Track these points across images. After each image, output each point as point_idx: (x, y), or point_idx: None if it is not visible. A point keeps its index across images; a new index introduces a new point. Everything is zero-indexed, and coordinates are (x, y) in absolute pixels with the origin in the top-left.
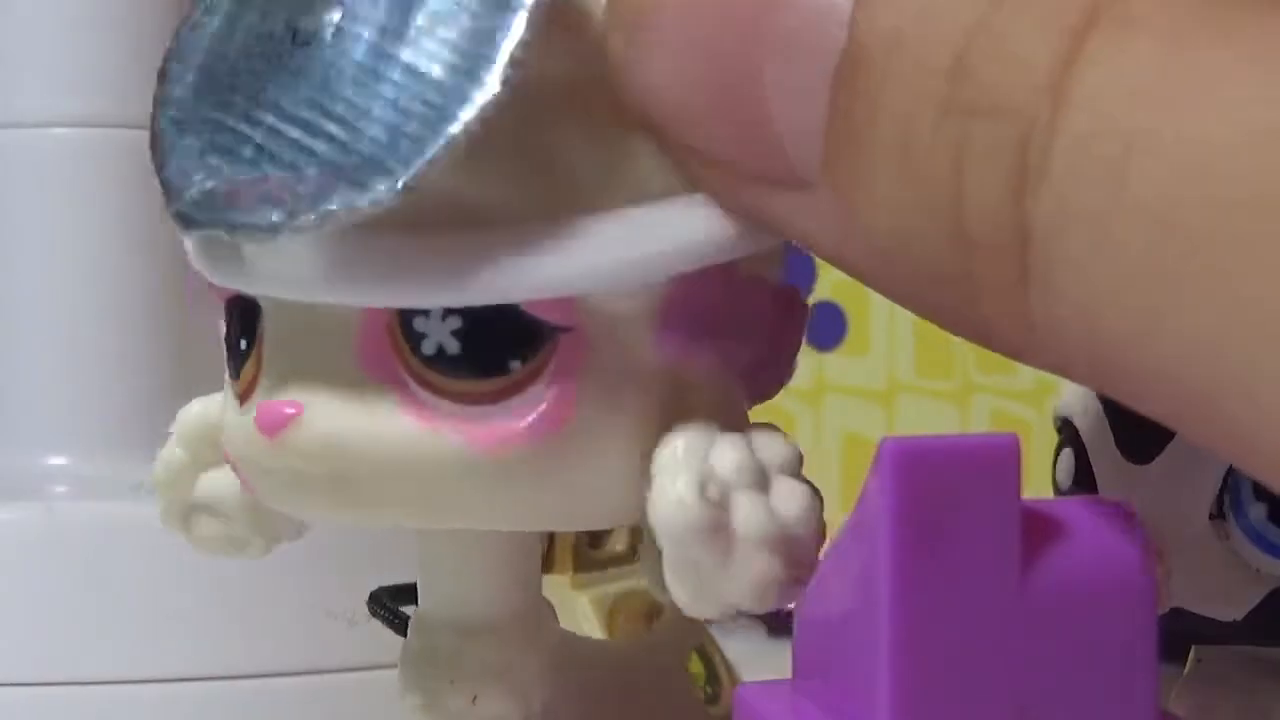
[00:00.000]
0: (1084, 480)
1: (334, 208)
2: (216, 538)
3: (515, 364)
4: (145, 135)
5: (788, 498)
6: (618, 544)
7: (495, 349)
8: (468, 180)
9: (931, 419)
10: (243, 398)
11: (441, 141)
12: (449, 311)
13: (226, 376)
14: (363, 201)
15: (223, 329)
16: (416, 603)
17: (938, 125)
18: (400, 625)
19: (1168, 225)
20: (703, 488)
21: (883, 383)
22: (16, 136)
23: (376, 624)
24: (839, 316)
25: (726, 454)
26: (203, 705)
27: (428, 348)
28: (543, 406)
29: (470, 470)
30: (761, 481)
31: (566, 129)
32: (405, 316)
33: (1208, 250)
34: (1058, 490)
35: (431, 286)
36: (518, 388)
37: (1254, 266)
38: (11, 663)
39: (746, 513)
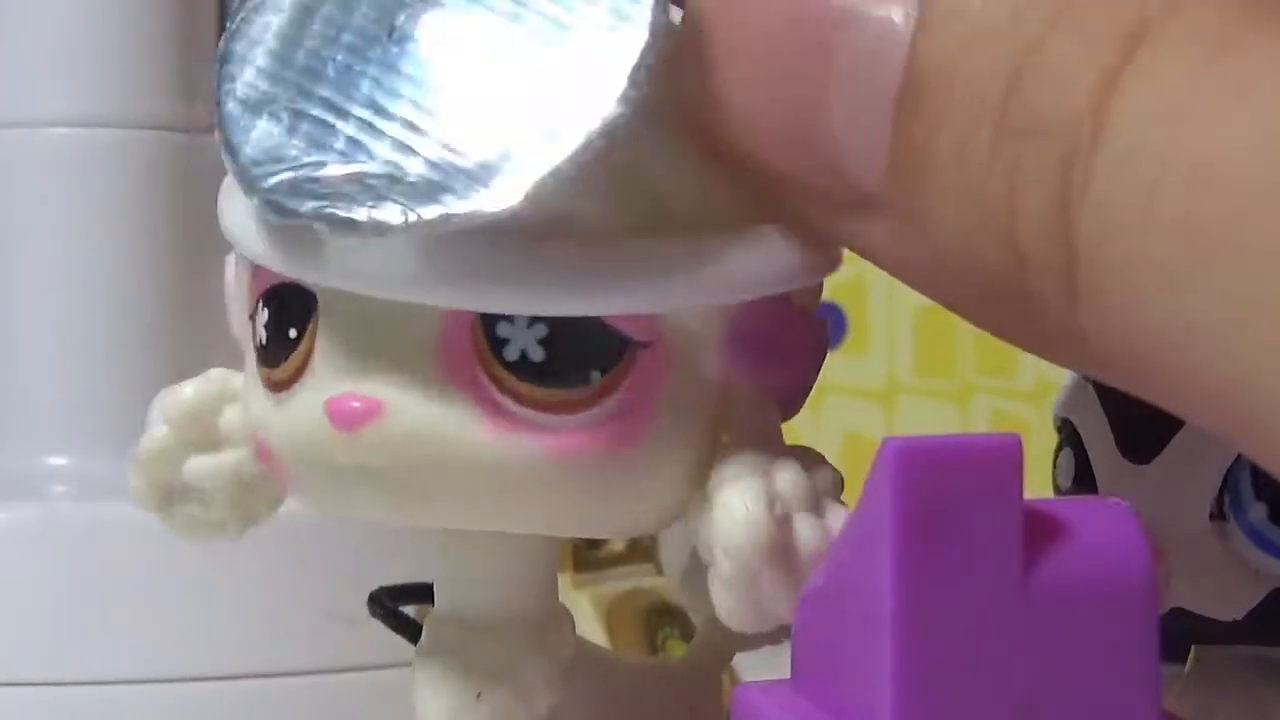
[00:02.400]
0: (1084, 480)
1: (451, 211)
2: (195, 522)
3: (596, 375)
4: (145, 135)
5: (837, 520)
6: (618, 544)
7: (579, 359)
8: (566, 192)
9: (931, 419)
10: (279, 387)
11: (566, 155)
12: (534, 319)
13: (252, 365)
14: (488, 208)
15: (234, 318)
16: (416, 603)
17: (993, 146)
18: (400, 625)
19: (1193, 236)
20: (770, 506)
21: (883, 383)
22: (16, 136)
23: (377, 624)
24: (839, 316)
25: (788, 476)
26: (203, 705)
27: (511, 353)
28: (621, 418)
29: (544, 478)
30: (818, 505)
31: (664, 148)
32: (489, 321)
33: (1229, 259)
34: (1058, 490)
35: (524, 294)
36: (596, 399)
37: (1270, 272)
38: (11, 663)
39: (807, 534)
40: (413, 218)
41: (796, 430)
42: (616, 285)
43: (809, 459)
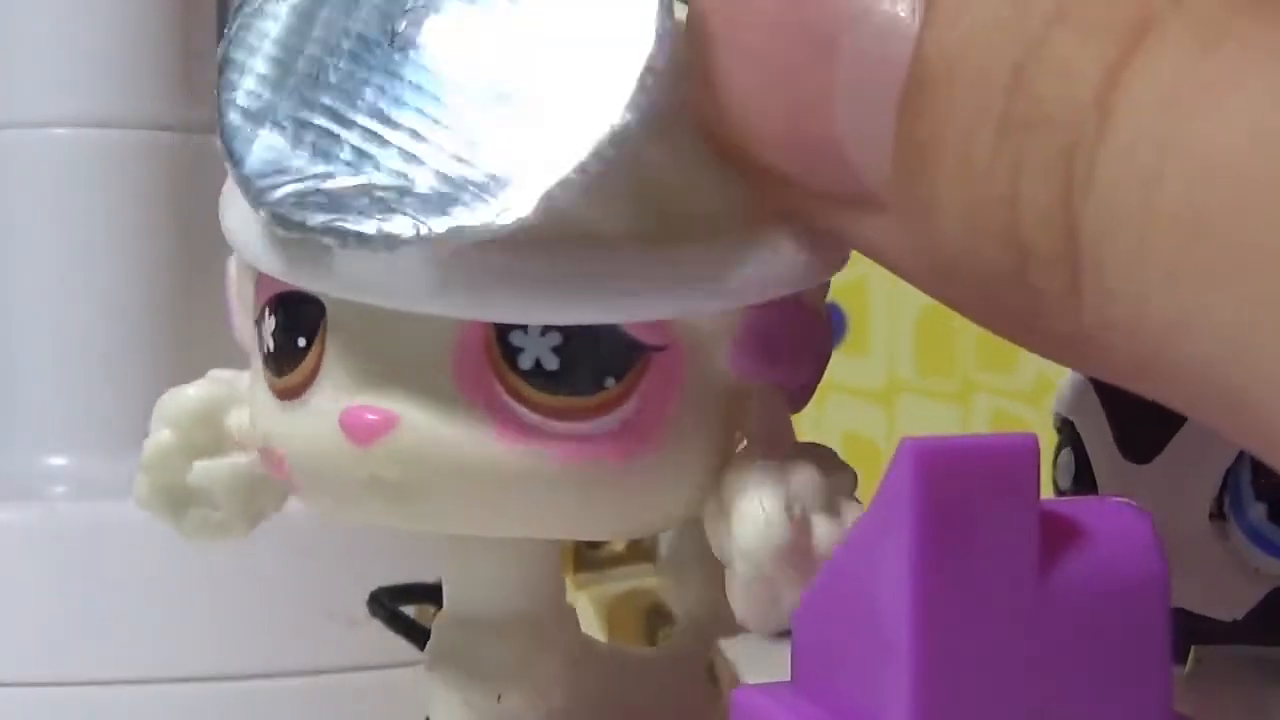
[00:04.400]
0: (1084, 480)
1: (463, 224)
2: (203, 524)
3: (610, 381)
4: (145, 135)
5: (853, 520)
6: (617, 544)
7: (592, 366)
8: (577, 200)
9: (932, 419)
10: (287, 395)
11: (575, 164)
12: (549, 327)
13: (259, 374)
14: (499, 219)
15: (236, 321)
16: (416, 603)
17: (997, 140)
18: (400, 625)
19: (1195, 227)
20: (789, 508)
21: (883, 383)
22: (16, 136)
23: (377, 624)
24: (839, 316)
25: (805, 477)
26: (203, 705)
27: (525, 362)
28: (635, 424)
29: (560, 485)
30: (834, 504)
31: (668, 154)
32: (502, 330)
33: (1230, 249)
34: (1058, 490)
35: (535, 303)
36: (611, 405)
37: (1268, 262)
38: (11, 663)
39: (824, 535)
40: (424, 230)
41: (797, 430)
42: (629, 292)
43: (824, 459)
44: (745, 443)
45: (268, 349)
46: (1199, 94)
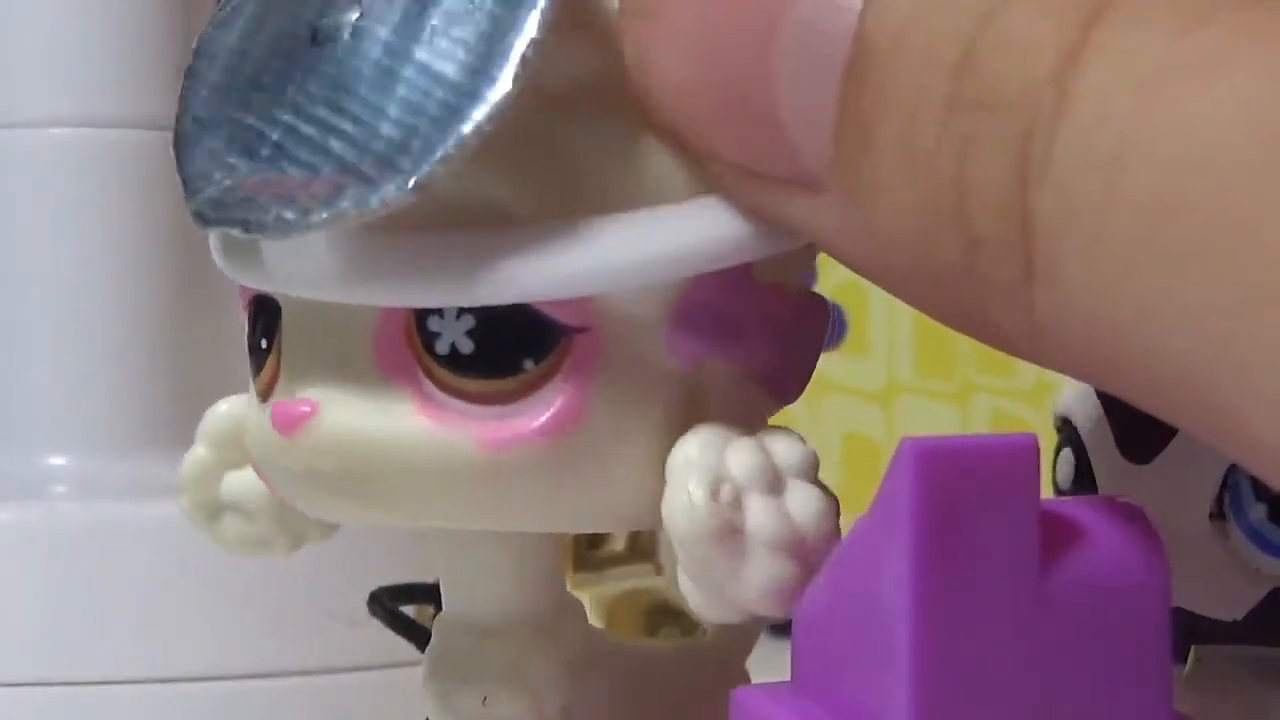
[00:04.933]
0: (1084, 480)
1: (345, 206)
2: (241, 537)
3: (528, 364)
4: (145, 135)
5: (801, 501)
6: (618, 544)
7: (508, 349)
8: (482, 179)
9: (931, 419)
10: (263, 396)
11: (453, 141)
12: (463, 311)
13: (250, 376)
14: (374, 201)
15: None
16: (416, 603)
17: (944, 121)
18: (400, 625)
19: (1165, 210)
20: (715, 490)
21: (883, 383)
22: (16, 136)
23: (378, 625)
24: (839, 316)
25: (740, 456)
26: (203, 705)
27: (441, 347)
28: (555, 406)
29: (483, 470)
30: (776, 484)
31: (584, 128)
32: (420, 315)
33: (1206, 234)
34: (1058, 490)
35: (445, 286)
36: (531, 388)
37: (1252, 246)
38: (11, 663)
39: (758, 516)
40: (313, 216)
41: (797, 430)
42: (538, 270)
43: (776, 439)
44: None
45: (248, 351)
46: (1176, 74)
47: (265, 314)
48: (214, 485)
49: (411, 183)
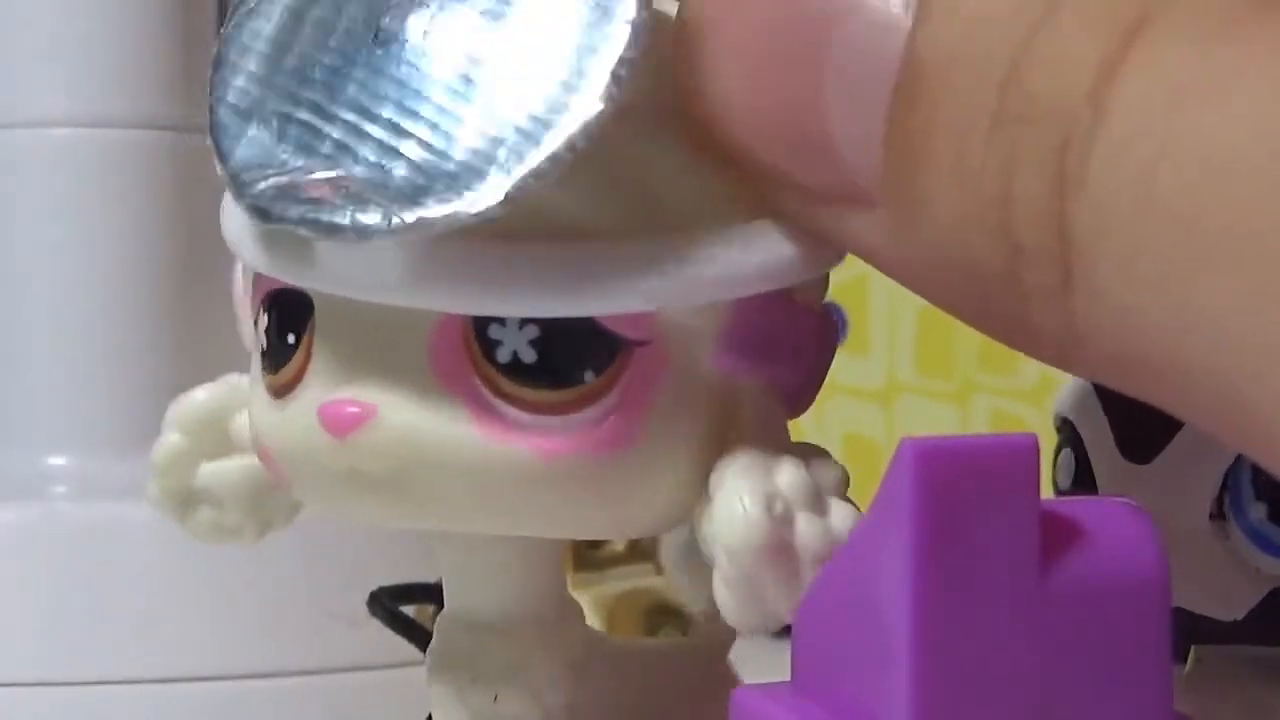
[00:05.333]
0: (1084, 480)
1: (432, 215)
2: (211, 525)
3: (589, 375)
4: (145, 135)
5: (842, 519)
6: (618, 544)
7: (571, 360)
8: (555, 192)
9: (931, 419)
10: (280, 392)
11: (545, 155)
12: (526, 320)
13: (256, 371)
14: (469, 210)
15: (243, 325)
16: (416, 603)
17: (990, 136)
18: (400, 625)
19: (1192, 223)
20: (769, 505)
21: (883, 383)
22: (16, 136)
23: (378, 625)
24: (839, 316)
25: (789, 473)
26: (203, 705)
27: (503, 355)
28: (615, 419)
29: (539, 480)
30: (819, 502)
31: (653, 146)
32: (480, 323)
33: (1229, 246)
34: (1058, 490)
35: (513, 296)
36: (590, 399)
37: (1265, 254)
38: (11, 663)
39: (808, 532)
40: (395, 221)
41: (797, 430)
42: (607, 285)
43: (813, 456)
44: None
45: (263, 347)
46: (1201, 88)
47: (291, 309)
48: (188, 473)
49: (504, 195)
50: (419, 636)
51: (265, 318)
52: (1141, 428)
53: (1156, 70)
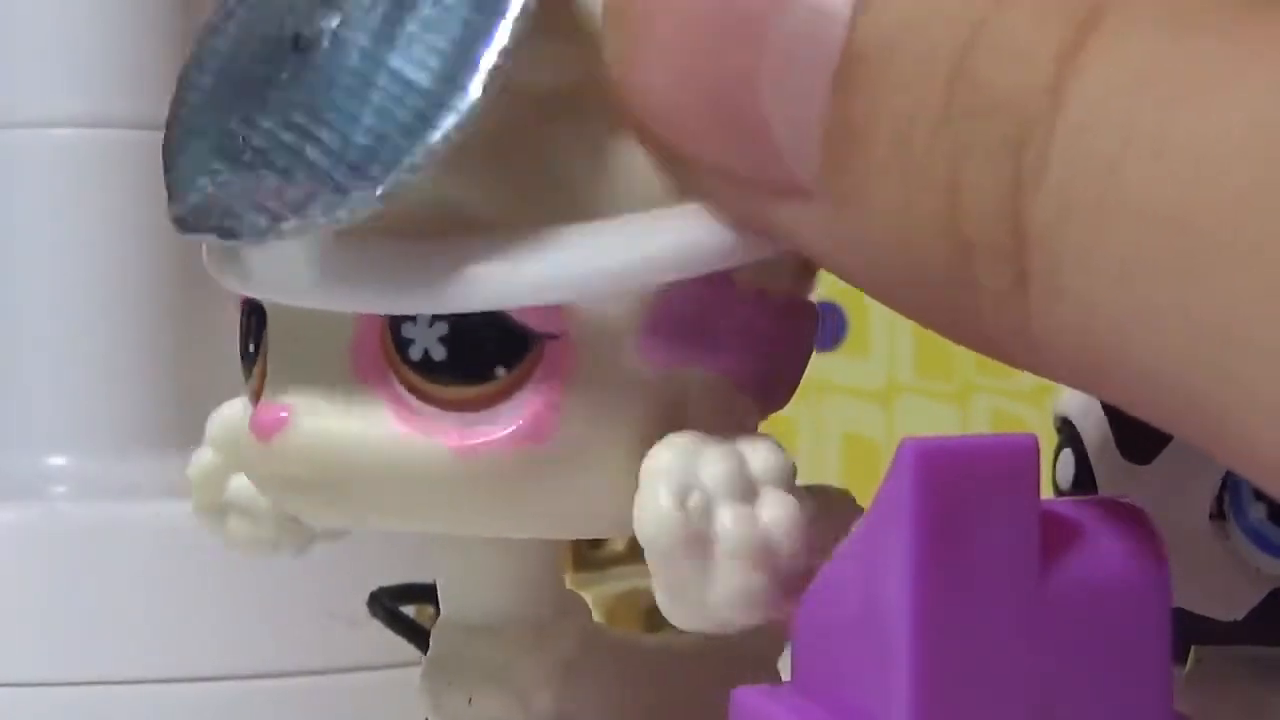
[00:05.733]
0: (1084, 480)
1: (314, 214)
2: (248, 538)
3: (501, 370)
4: (145, 135)
5: (774, 509)
6: (618, 544)
7: (481, 356)
8: (456, 186)
9: (931, 419)
10: (254, 398)
11: (421, 149)
12: (436, 318)
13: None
14: (341, 209)
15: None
16: (416, 603)
17: (937, 127)
18: (400, 626)
19: (1164, 220)
20: (683, 498)
21: (882, 383)
22: (16, 136)
23: (377, 625)
24: (839, 316)
25: (712, 464)
26: (203, 705)
27: (415, 353)
28: (528, 413)
29: (456, 477)
30: (748, 492)
31: (559, 135)
32: (394, 322)
33: (1207, 245)
34: (1058, 490)
35: (417, 293)
36: (504, 394)
37: (1254, 260)
38: (12, 663)
39: (726, 525)
40: (284, 225)
41: (797, 430)
42: (510, 277)
43: (755, 446)
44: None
45: (240, 355)
46: (1167, 78)
47: (254, 319)
48: (220, 488)
49: (379, 191)
50: (419, 637)
51: (241, 327)
52: (1142, 427)
53: (1119, 59)
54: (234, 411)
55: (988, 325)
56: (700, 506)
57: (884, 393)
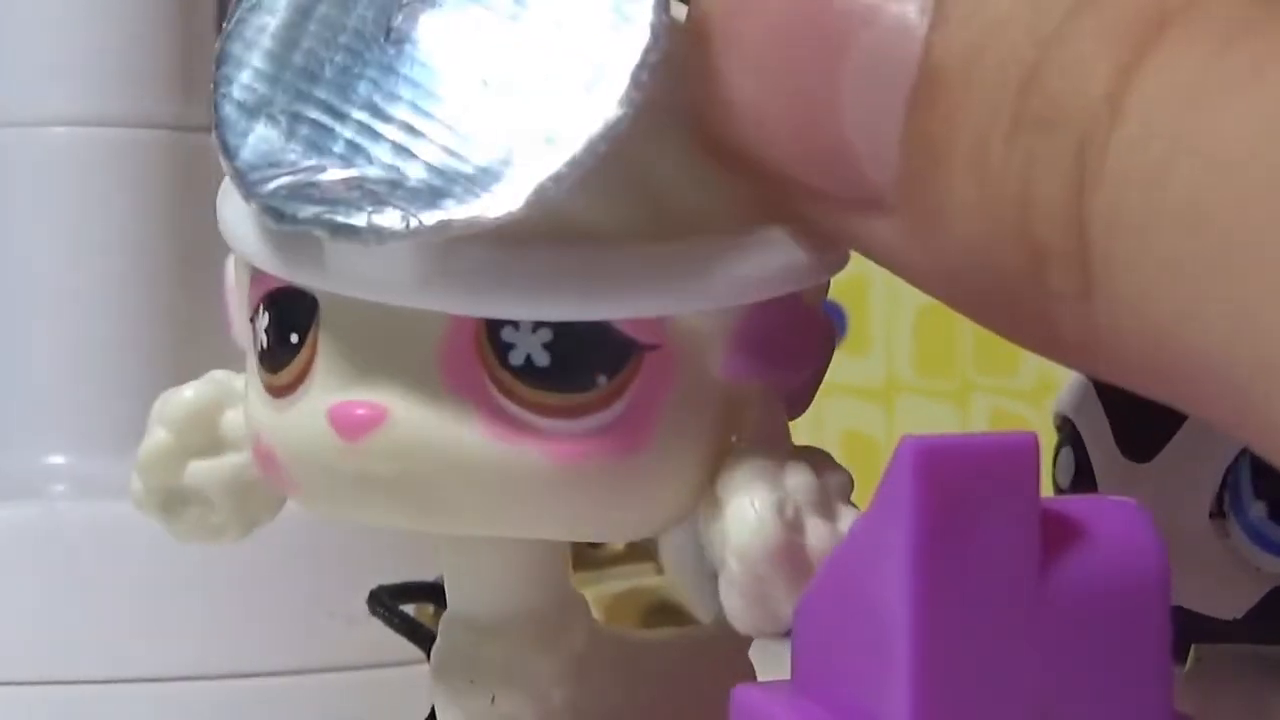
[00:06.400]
0: (1084, 479)
1: (452, 217)
2: (195, 525)
3: (602, 379)
4: (144, 134)
5: (848, 523)
6: (617, 543)
7: (584, 364)
8: (572, 196)
9: (931, 419)
10: (281, 392)
11: (566, 158)
12: (539, 324)
13: (253, 369)
14: (488, 213)
15: (234, 321)
16: (416, 602)
17: (1009, 140)
18: (400, 624)
19: (1201, 221)
20: (781, 509)
21: (883, 382)
22: (16, 136)
23: (377, 623)
24: (839, 316)
25: (799, 477)
26: (202, 705)
27: (515, 358)
28: (625, 423)
29: (549, 484)
30: (828, 506)
31: (666, 149)
32: (493, 326)
33: (1238, 243)
34: (1058, 489)
35: (527, 298)
36: (602, 403)
37: (1269, 252)
38: (11, 663)
39: (818, 536)
40: (413, 223)
41: (797, 429)
42: (621, 289)
43: (819, 461)
44: (740, 445)
45: (262, 346)
46: (1213, 88)
47: (292, 309)
48: (174, 472)
49: (524, 199)
50: (419, 635)
51: (264, 317)
52: (1141, 426)
53: (1172, 72)
54: (196, 395)
55: (1059, 328)
56: (794, 518)
57: (883, 392)
